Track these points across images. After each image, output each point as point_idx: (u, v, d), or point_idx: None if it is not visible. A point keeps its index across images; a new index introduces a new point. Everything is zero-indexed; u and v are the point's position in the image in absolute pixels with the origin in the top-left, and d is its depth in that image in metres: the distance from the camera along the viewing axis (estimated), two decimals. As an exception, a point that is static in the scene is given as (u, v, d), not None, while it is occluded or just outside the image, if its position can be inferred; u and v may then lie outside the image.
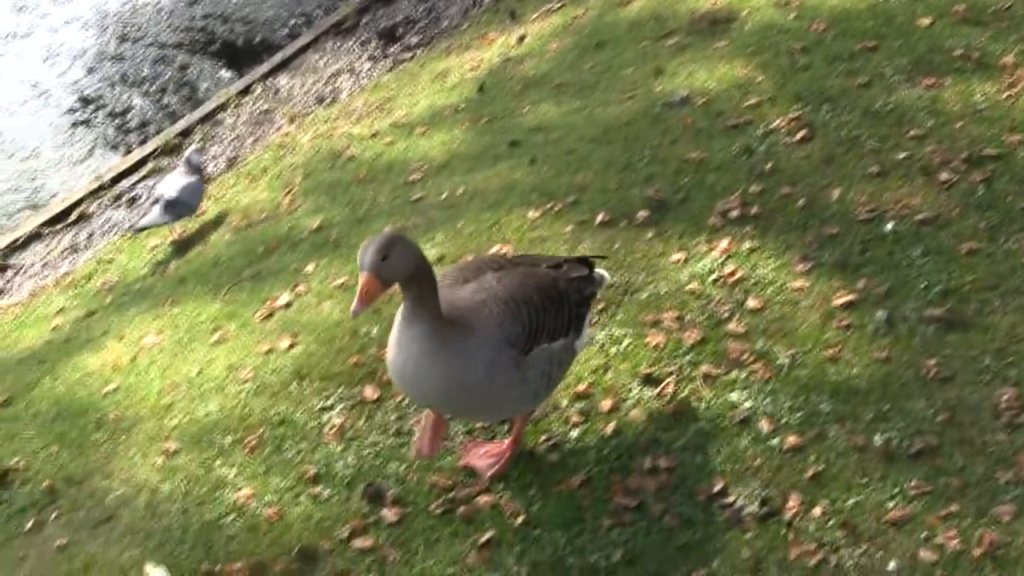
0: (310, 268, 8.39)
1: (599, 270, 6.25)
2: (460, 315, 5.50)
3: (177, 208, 10.28)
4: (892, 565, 5.29)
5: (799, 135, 8.25)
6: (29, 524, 6.75)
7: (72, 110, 14.41)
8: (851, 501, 5.61)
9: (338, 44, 13.90)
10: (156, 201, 10.37)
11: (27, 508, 6.90)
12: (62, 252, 11.25)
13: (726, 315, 6.85)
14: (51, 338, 8.96)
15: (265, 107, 12.97)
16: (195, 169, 10.50)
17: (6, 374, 8.57)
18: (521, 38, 11.75)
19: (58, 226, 11.71)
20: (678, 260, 7.34)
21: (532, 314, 5.61)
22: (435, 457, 6.24)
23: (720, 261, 7.24)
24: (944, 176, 7.59)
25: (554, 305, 5.75)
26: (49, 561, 6.47)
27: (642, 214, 7.78)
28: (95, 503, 6.76)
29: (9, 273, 11.11)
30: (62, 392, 7.96)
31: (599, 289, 6.26)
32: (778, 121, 8.46)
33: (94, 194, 12.05)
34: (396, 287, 5.34)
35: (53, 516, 6.77)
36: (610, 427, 6.26)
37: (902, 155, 7.86)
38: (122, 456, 7.05)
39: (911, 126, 8.13)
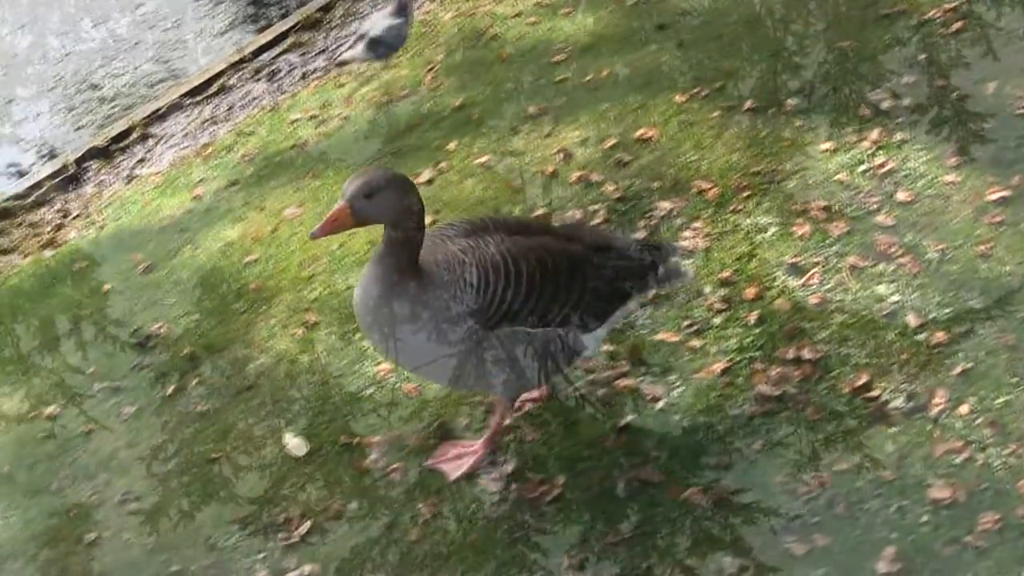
0: (452, 146, 8.36)
1: (685, 267, 5.88)
2: (431, 269, 5.24)
3: (380, 46, 10.24)
4: (1041, 466, 5.20)
5: (954, 27, 8.04)
6: (170, 389, 6.86)
7: (214, -18, 14.47)
8: (1000, 400, 5.50)
9: (481, -78, 13.78)
10: (361, 38, 10.37)
11: (168, 374, 7.00)
12: (202, 123, 11.28)
13: (875, 207, 6.73)
14: (192, 207, 9.01)
15: (407, -16, 12.88)
16: (402, 10, 10.43)
17: (147, 241, 8.65)
18: (668, -80, 11.56)
19: (198, 97, 11.72)
20: (827, 150, 7.22)
21: (507, 289, 5.22)
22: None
23: (870, 152, 7.11)
24: (1107, 72, 7.39)
25: (551, 287, 5.30)
26: (190, 427, 6.56)
27: (791, 102, 7.66)
28: (235, 371, 6.84)
29: (150, 142, 11.17)
30: (203, 261, 8.04)
31: (659, 288, 5.88)
32: (933, 12, 8.25)
33: (235, 67, 12.05)
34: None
35: (194, 383, 6.86)
36: (753, 315, 6.20)
37: (1063, 50, 7.65)
38: (262, 326, 7.12)
39: (1074, 20, 7.91)
